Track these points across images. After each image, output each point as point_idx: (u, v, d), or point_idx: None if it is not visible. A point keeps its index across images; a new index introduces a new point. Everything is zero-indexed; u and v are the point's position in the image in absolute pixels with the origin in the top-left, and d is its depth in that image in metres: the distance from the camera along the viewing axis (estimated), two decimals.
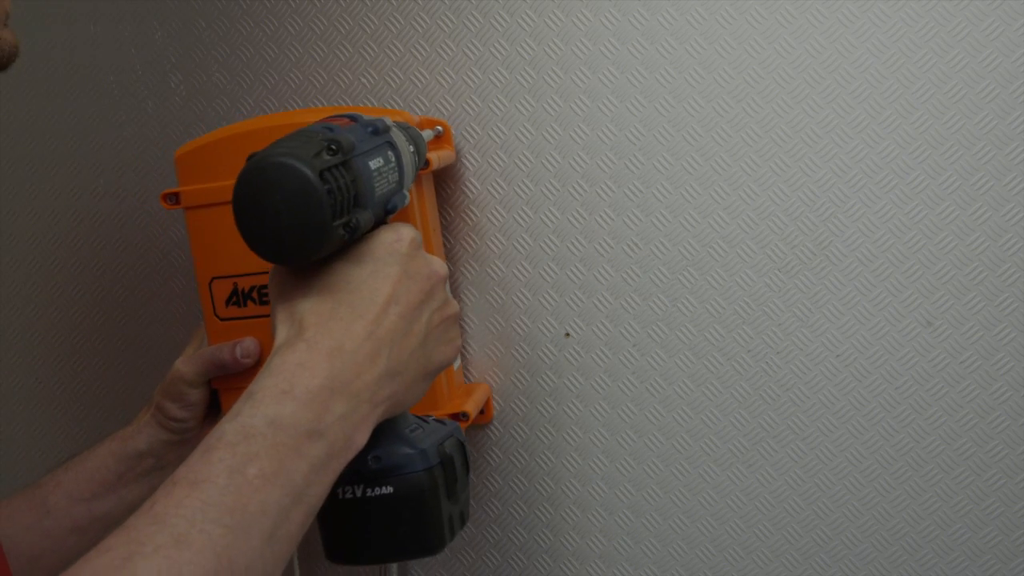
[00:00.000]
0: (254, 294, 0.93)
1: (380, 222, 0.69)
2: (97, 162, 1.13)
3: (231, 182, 0.63)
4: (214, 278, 0.95)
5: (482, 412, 1.05)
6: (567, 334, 1.04)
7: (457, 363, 1.03)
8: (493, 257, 1.04)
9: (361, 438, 0.63)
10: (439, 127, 1.01)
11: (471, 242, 1.04)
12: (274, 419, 0.58)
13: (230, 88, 1.08)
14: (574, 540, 1.07)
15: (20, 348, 1.18)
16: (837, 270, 0.97)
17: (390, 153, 0.70)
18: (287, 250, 0.62)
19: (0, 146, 1.16)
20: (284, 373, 0.61)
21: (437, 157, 0.95)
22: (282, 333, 0.64)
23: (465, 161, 1.03)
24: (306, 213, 0.61)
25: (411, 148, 0.74)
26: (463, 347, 1.06)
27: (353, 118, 0.69)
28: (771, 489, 1.01)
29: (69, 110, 1.13)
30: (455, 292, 1.05)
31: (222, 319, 0.95)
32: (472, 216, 1.04)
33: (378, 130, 0.70)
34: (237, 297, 0.94)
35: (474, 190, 1.03)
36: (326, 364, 0.61)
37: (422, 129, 0.97)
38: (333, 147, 0.63)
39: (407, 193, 0.72)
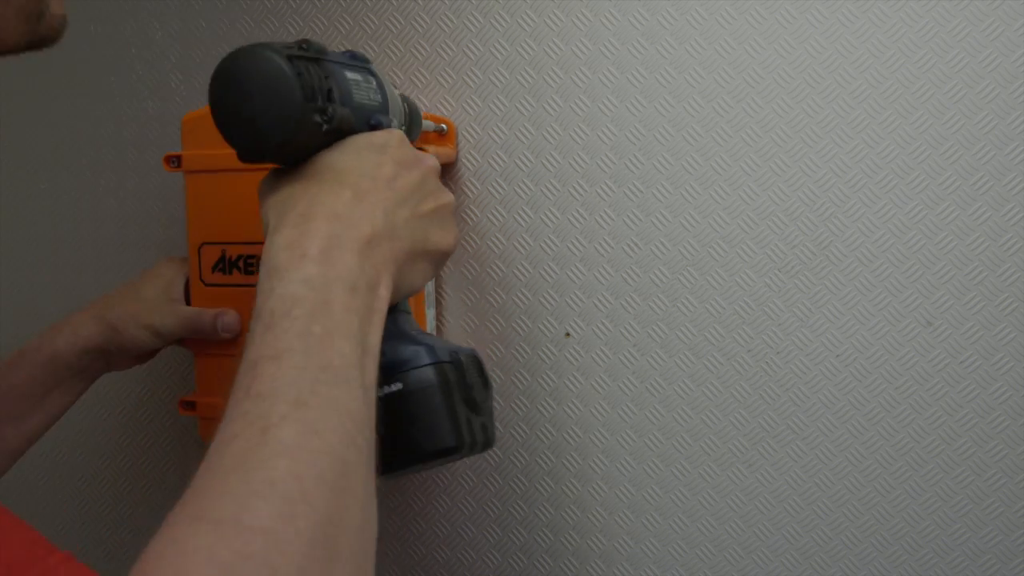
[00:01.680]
0: (240, 263, 0.96)
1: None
2: (97, 162, 1.13)
3: (233, 150, 0.64)
4: (204, 243, 0.97)
5: None
6: (567, 334, 1.04)
7: None
8: (493, 257, 1.04)
9: (384, 291, 0.62)
10: (443, 124, 1.01)
11: (471, 242, 1.04)
12: (306, 280, 0.58)
13: None
14: (574, 540, 1.07)
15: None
16: (837, 270, 0.97)
17: (371, 78, 0.71)
18: (263, 136, 0.62)
19: (0, 146, 1.16)
20: (291, 245, 0.60)
21: (435, 153, 0.95)
22: (272, 219, 0.63)
23: (465, 161, 1.03)
24: (277, 94, 0.61)
25: (399, 94, 0.75)
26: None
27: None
28: (771, 489, 1.01)
29: (69, 110, 1.13)
30: (455, 292, 1.05)
31: (207, 284, 0.97)
32: (472, 216, 1.04)
33: (356, 56, 0.71)
34: (224, 264, 0.97)
35: (474, 190, 1.03)
36: (325, 226, 0.61)
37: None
38: (304, 45, 0.65)
39: (393, 119, 0.73)
